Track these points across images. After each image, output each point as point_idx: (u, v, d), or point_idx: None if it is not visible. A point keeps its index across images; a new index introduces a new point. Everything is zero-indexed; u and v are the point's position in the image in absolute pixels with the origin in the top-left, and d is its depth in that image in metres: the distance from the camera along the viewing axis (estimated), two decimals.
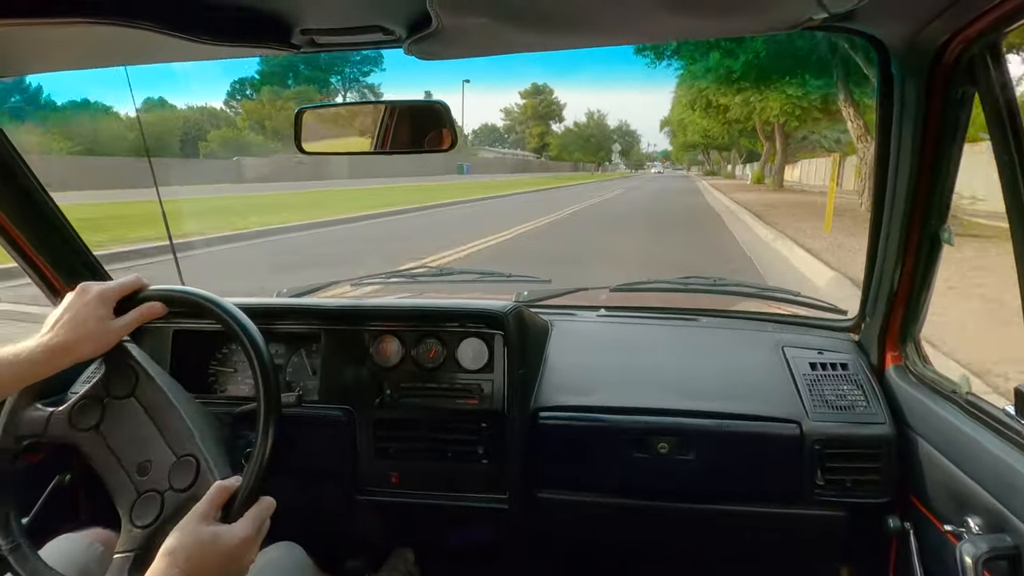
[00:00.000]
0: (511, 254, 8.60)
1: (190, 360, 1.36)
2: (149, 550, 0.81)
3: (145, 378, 0.93)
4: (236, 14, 0.83)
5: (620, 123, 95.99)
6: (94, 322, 0.86)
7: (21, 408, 0.93)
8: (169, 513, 0.85)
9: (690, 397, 1.25)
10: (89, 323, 0.86)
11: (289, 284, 1.73)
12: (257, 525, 0.82)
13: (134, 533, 0.84)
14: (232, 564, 0.79)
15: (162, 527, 0.83)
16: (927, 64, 0.94)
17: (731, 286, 1.67)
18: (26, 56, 1.00)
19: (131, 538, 0.84)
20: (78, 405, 0.93)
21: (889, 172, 1.08)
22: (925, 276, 1.13)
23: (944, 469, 1.02)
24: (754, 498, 1.23)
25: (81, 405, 0.93)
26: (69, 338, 0.85)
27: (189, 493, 0.85)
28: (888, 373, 1.24)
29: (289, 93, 42.17)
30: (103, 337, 0.87)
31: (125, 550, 0.83)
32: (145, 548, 0.83)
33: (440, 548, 1.57)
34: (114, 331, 0.88)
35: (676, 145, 60.16)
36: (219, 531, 0.78)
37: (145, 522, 0.85)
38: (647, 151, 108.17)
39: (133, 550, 0.83)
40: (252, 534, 0.81)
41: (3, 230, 1.27)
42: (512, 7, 0.80)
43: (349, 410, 1.27)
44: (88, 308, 0.87)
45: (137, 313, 0.90)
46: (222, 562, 0.77)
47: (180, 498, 0.85)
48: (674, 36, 1.04)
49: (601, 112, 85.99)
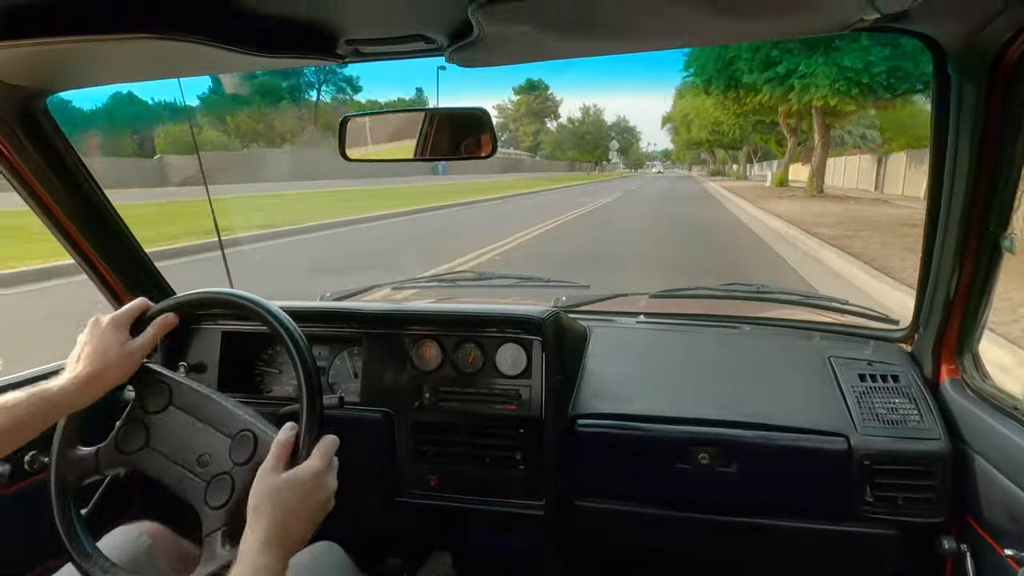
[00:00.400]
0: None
1: (237, 360, 1.40)
2: (235, 523, 0.87)
3: (177, 386, 0.99)
4: (284, 26, 0.86)
5: (618, 119, 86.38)
6: (116, 348, 0.93)
7: (66, 449, 0.98)
8: (241, 486, 0.90)
9: (732, 407, 1.22)
10: (111, 350, 0.93)
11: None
12: (326, 459, 0.87)
13: (215, 514, 0.89)
14: (313, 497, 0.83)
15: (240, 500, 0.89)
16: (987, 64, 0.90)
17: (775, 293, 1.62)
18: (88, 70, 1.05)
19: (214, 518, 0.89)
20: (121, 432, 0.98)
21: (945, 176, 1.04)
22: (984, 285, 1.08)
23: (1004, 489, 0.97)
24: (799, 513, 1.19)
25: (124, 432, 0.98)
26: (96, 368, 0.91)
27: (254, 462, 0.90)
28: (943, 386, 1.19)
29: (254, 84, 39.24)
30: (127, 360, 0.94)
31: (213, 529, 0.88)
32: (231, 522, 0.88)
33: (477, 552, 1.58)
34: (136, 352, 0.95)
35: (678, 143, 55.91)
36: (291, 473, 0.83)
37: (222, 501, 0.90)
38: (647, 150, 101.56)
39: (220, 527, 0.88)
40: (323, 466, 0.85)
41: (71, 239, 1.34)
42: (554, 15, 0.80)
43: (389, 413, 1.29)
44: (106, 337, 0.93)
45: (153, 329, 0.97)
46: (304, 499, 0.82)
47: (247, 469, 0.90)
48: (720, 39, 1.03)
49: (598, 108, 78.72)
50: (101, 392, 0.93)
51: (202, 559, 0.88)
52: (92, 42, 0.80)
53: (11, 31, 0.77)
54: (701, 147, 45.81)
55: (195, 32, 0.79)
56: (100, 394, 0.93)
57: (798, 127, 20.63)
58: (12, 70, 0.98)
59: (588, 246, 9.60)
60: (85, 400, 0.92)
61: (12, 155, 1.18)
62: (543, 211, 15.10)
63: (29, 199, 1.25)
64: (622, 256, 8.25)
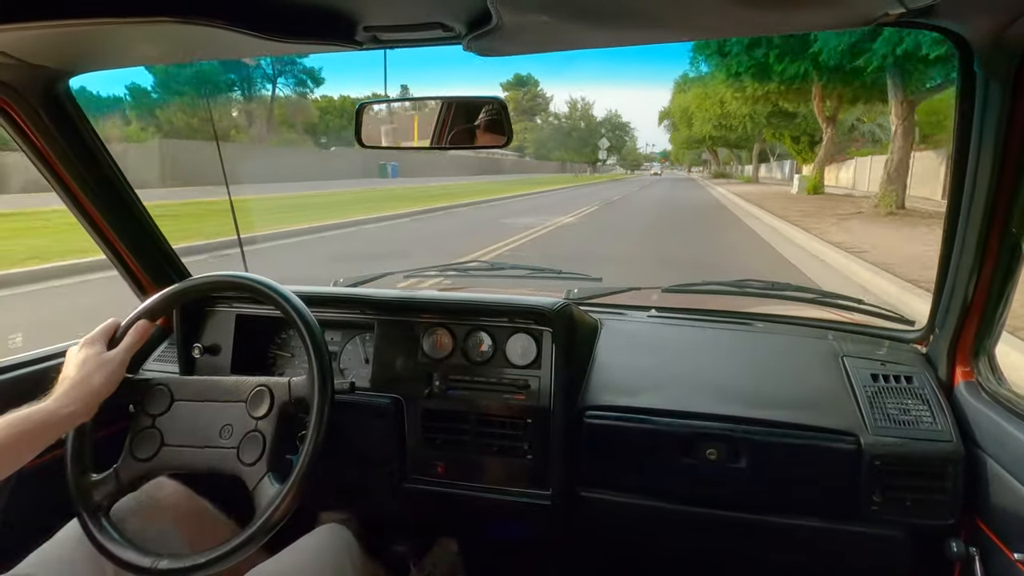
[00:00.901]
0: None
1: (251, 343, 1.42)
2: (276, 464, 0.96)
3: (175, 382, 1.03)
4: (303, 12, 0.86)
5: (609, 113, 72.34)
6: (93, 358, 0.99)
7: (80, 477, 1.01)
8: (271, 435, 0.98)
9: (742, 404, 1.21)
10: (88, 361, 0.98)
11: None
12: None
13: (255, 468, 0.97)
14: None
15: (273, 446, 0.97)
16: (1014, 62, 0.88)
17: (789, 290, 1.61)
18: (109, 53, 1.06)
19: (255, 471, 0.97)
20: (134, 443, 1.02)
21: (967, 176, 1.02)
22: (1003, 287, 1.06)
23: (1016, 493, 0.96)
24: (806, 512, 1.19)
25: (136, 441, 1.02)
26: (74, 379, 0.96)
27: (276, 409, 0.98)
28: (958, 389, 1.18)
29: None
30: (106, 366, 0.99)
31: (259, 479, 0.96)
32: (272, 466, 0.97)
33: (483, 540, 1.59)
34: (114, 358, 1.01)
35: (677, 141, 50.66)
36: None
37: (256, 455, 0.97)
38: (644, 151, 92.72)
39: (264, 475, 0.96)
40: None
41: (97, 227, 1.37)
42: (574, 4, 0.79)
43: (399, 399, 1.30)
44: (81, 353, 1.00)
45: (130, 337, 1.04)
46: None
47: (271, 419, 0.98)
48: (742, 32, 1.01)
49: (587, 101, 67.42)
50: (88, 402, 0.95)
51: (258, 510, 0.93)
52: (114, 24, 0.81)
53: (35, 12, 0.78)
54: (703, 145, 41.59)
55: (215, 16, 0.79)
56: (89, 406, 0.96)
57: (835, 115, 16.29)
58: (35, 50, 1.00)
59: None
60: (74, 415, 0.94)
61: (36, 136, 1.19)
62: (437, 242, 10.35)
63: (53, 182, 1.27)
64: None
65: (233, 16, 0.80)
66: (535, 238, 10.27)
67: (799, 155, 24.26)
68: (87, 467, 1.01)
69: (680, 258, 8.08)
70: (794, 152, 26.35)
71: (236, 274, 1.07)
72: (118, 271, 1.47)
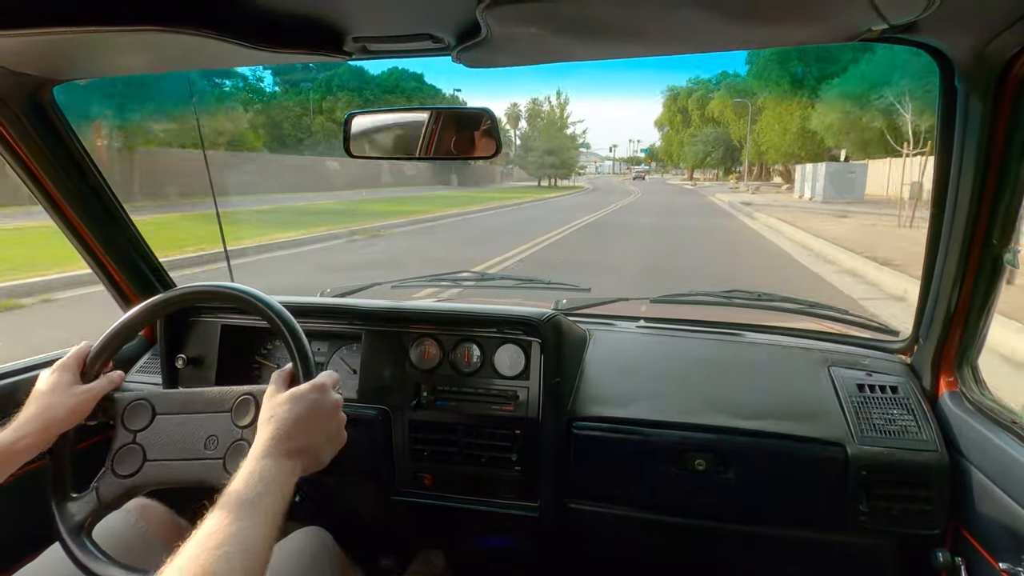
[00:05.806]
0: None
1: (236, 354, 1.40)
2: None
3: (156, 397, 1.01)
4: (291, 22, 0.86)
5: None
6: (62, 387, 0.96)
7: (62, 502, 0.98)
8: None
9: (730, 414, 1.22)
10: (59, 389, 0.96)
11: None
12: (327, 378, 0.90)
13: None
14: (318, 406, 0.86)
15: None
16: (994, 78, 0.90)
17: (776, 301, 1.62)
18: (95, 61, 1.05)
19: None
20: (116, 457, 0.99)
21: (949, 189, 1.04)
22: (985, 298, 1.08)
23: (1000, 502, 0.96)
24: (793, 522, 1.19)
25: (117, 457, 0.99)
26: (44, 403, 0.93)
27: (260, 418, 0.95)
28: (942, 399, 1.19)
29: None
30: (73, 399, 0.96)
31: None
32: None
33: (471, 552, 1.58)
34: (83, 394, 0.97)
35: (676, 141, 38.92)
36: (293, 389, 0.87)
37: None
38: (595, 152, 78.39)
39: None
40: (325, 381, 0.89)
41: (84, 243, 1.35)
42: (563, 18, 0.80)
43: (386, 410, 1.29)
44: (54, 377, 0.97)
45: (102, 383, 1.00)
46: (310, 409, 0.85)
47: (256, 427, 0.92)
48: (728, 46, 1.02)
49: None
50: (48, 434, 0.93)
51: None
52: (99, 33, 0.80)
53: (20, 20, 0.77)
54: (719, 150, 35.25)
55: (202, 25, 0.79)
56: (49, 437, 0.93)
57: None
58: (19, 58, 0.98)
59: None
60: (30, 448, 0.91)
61: (18, 144, 1.18)
62: None
63: (35, 191, 1.25)
64: None
65: (221, 25, 0.80)
66: None
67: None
68: (67, 487, 0.99)
69: None
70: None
71: (219, 284, 1.06)
72: (102, 282, 1.45)
